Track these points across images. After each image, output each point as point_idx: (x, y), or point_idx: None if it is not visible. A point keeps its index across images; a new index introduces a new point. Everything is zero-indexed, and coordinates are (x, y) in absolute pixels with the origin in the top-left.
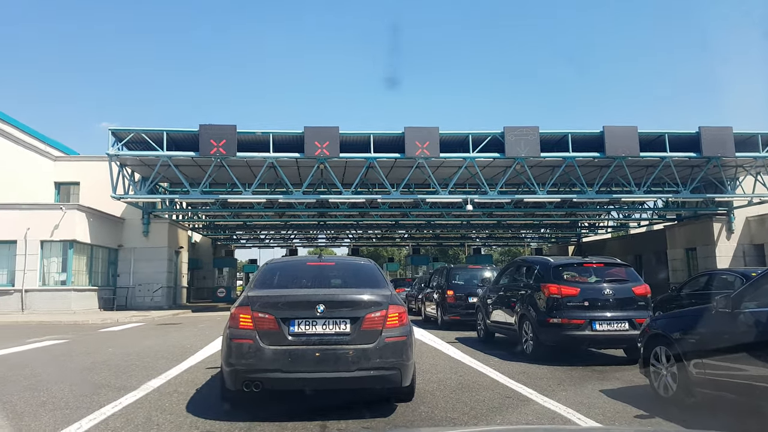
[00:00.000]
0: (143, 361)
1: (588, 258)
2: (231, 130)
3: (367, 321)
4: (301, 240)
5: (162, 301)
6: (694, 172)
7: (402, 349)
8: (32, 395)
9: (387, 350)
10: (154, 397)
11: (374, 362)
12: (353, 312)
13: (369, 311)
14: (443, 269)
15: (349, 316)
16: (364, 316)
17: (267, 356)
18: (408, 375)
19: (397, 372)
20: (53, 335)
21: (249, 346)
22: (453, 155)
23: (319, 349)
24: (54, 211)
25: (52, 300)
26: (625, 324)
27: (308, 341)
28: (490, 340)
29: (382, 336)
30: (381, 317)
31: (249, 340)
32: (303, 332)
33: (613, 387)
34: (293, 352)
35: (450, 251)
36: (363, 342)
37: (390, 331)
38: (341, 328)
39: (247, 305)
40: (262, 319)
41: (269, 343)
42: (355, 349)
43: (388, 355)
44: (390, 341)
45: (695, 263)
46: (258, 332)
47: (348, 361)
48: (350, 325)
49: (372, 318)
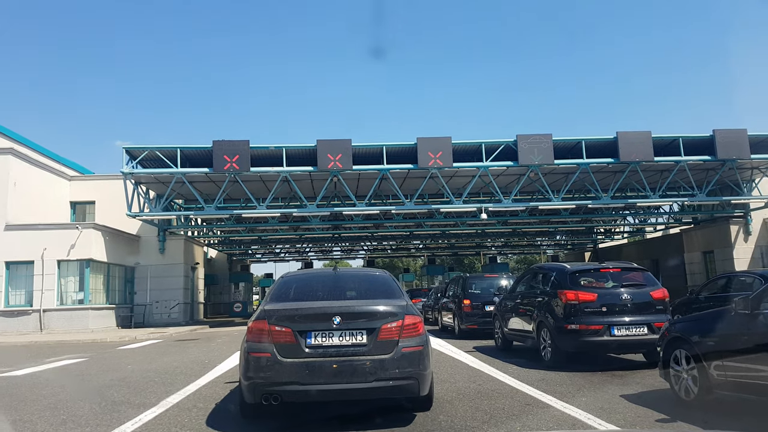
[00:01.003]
0: (162, 378)
1: (604, 263)
2: (244, 146)
3: (383, 332)
4: (316, 253)
5: (179, 318)
6: (710, 175)
7: (419, 358)
8: (53, 414)
9: (404, 360)
10: (173, 413)
11: (392, 373)
12: (369, 323)
13: (385, 322)
14: (459, 278)
15: (365, 327)
16: (380, 327)
17: (285, 369)
18: (426, 385)
19: (415, 382)
20: (72, 354)
21: (267, 360)
22: (466, 164)
23: (337, 360)
24: (70, 231)
25: (70, 319)
26: (643, 328)
27: (325, 353)
28: (508, 348)
29: (398, 346)
30: (397, 327)
31: (266, 354)
32: (320, 344)
33: (634, 391)
34: (310, 365)
35: (465, 260)
36: (380, 353)
37: (406, 341)
38: (358, 340)
39: (264, 319)
40: (279, 332)
41: (286, 356)
42: (372, 360)
43: (406, 365)
44: (407, 351)
45: (713, 266)
46: (275, 345)
47: (365, 372)
48: (366, 336)
49: (388, 328)
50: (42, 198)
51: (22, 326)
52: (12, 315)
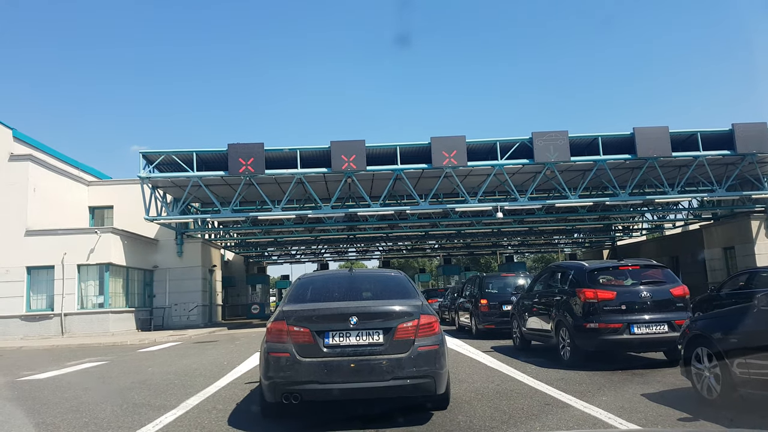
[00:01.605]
0: (182, 380)
1: (623, 261)
2: (258, 148)
3: (399, 331)
4: (332, 254)
5: (198, 320)
6: (729, 170)
7: (435, 357)
8: (75, 417)
9: (420, 359)
10: (193, 415)
11: (408, 371)
12: (385, 323)
13: (401, 321)
14: (476, 278)
15: (381, 327)
16: (397, 327)
17: (304, 368)
18: (442, 383)
19: (431, 380)
20: (93, 357)
21: (286, 360)
22: (481, 163)
23: (354, 360)
24: (89, 236)
25: (90, 323)
26: (664, 326)
27: (343, 353)
28: (526, 348)
29: (415, 345)
30: (413, 327)
31: (286, 354)
32: (337, 344)
33: (655, 390)
34: (329, 364)
35: (482, 260)
36: (396, 352)
37: (422, 340)
38: (374, 339)
39: (283, 320)
40: (298, 333)
41: (305, 356)
42: (389, 359)
43: (422, 364)
44: (423, 350)
45: (734, 262)
46: (294, 345)
47: (382, 371)
48: (383, 335)
49: (404, 328)
50: (61, 203)
51: (43, 330)
52: (34, 319)
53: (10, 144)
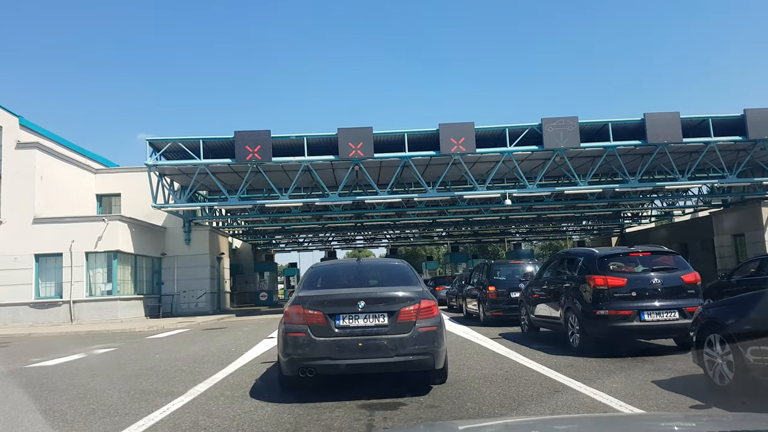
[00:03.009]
0: (190, 367)
1: (634, 247)
2: (265, 136)
3: (402, 314)
4: (339, 242)
5: (206, 307)
6: (740, 156)
7: (434, 337)
8: (82, 404)
9: (421, 338)
10: (200, 402)
11: (410, 349)
12: (390, 306)
13: (404, 305)
14: (484, 265)
15: (386, 310)
16: (400, 310)
17: (318, 346)
18: (440, 359)
19: (431, 357)
20: (102, 344)
21: (302, 339)
22: (490, 150)
23: (362, 339)
24: (97, 223)
25: (99, 310)
26: (675, 313)
27: (352, 333)
28: (535, 335)
29: (415, 326)
30: (414, 310)
31: (302, 334)
32: (347, 325)
33: (666, 377)
34: (340, 343)
35: (489, 248)
36: (399, 332)
37: (423, 321)
38: (380, 321)
39: (299, 304)
40: (312, 315)
41: (319, 335)
42: (393, 338)
43: (422, 343)
44: (423, 331)
45: (743, 249)
46: (309, 326)
47: (387, 349)
48: (388, 318)
49: (406, 311)
50: (68, 191)
51: (52, 317)
52: (43, 306)
53: (16, 132)
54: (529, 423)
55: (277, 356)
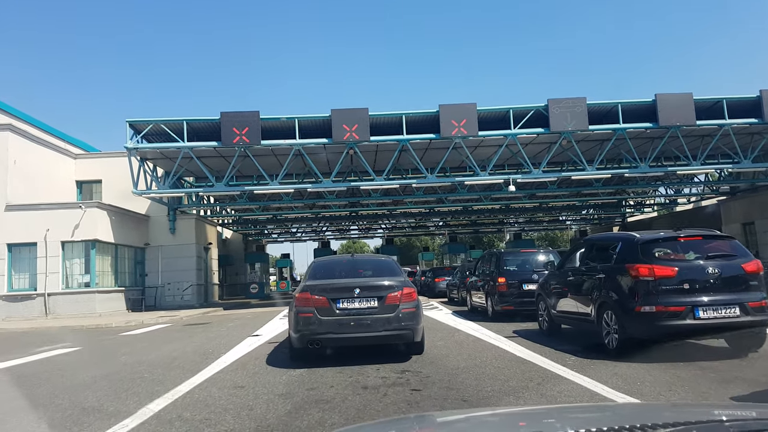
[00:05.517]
0: (153, 374)
1: (681, 230)
2: (254, 117)
3: (388, 298)
4: (333, 232)
5: (192, 300)
6: (755, 140)
7: (413, 316)
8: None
9: (403, 317)
10: (148, 429)
11: (395, 325)
12: (378, 293)
13: (390, 291)
14: (492, 255)
15: (376, 296)
16: (387, 295)
17: (323, 324)
18: (418, 334)
19: (411, 332)
20: (66, 343)
21: (311, 318)
22: (493, 132)
23: (356, 318)
24: (73, 210)
25: (76, 303)
26: (735, 309)
27: (349, 313)
28: (556, 333)
29: (399, 308)
30: (398, 295)
31: (310, 314)
32: (346, 308)
33: (742, 392)
34: (340, 321)
35: (485, 238)
36: (386, 312)
37: (405, 304)
38: (371, 304)
39: (307, 291)
40: (318, 300)
41: (323, 315)
42: (381, 317)
43: (404, 320)
44: (405, 311)
45: (754, 239)
46: (315, 308)
47: (377, 325)
48: (377, 301)
49: (392, 296)
50: (46, 177)
51: (27, 311)
52: (16, 300)
53: None
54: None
55: (288, 334)
